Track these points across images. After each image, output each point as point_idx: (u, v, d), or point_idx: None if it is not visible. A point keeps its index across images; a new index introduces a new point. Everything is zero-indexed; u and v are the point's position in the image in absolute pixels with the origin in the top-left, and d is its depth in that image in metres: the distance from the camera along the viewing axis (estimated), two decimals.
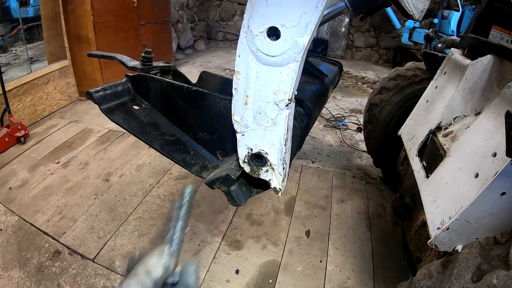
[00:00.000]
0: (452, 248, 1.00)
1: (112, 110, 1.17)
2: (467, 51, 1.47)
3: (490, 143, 0.98)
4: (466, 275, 0.76)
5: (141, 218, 2.02)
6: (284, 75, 0.53)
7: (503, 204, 0.89)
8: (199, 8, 6.82)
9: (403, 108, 2.08)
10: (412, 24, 5.12)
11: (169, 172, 2.48)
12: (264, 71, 0.55)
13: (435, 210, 1.07)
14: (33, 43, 3.56)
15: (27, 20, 3.45)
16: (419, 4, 1.21)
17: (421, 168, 1.34)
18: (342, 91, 4.76)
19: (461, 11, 4.42)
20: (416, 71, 2.07)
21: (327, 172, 2.67)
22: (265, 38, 0.51)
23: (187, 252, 1.80)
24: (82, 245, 1.79)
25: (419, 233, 1.30)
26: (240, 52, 0.55)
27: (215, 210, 2.13)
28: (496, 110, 1.04)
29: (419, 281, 0.87)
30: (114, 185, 2.30)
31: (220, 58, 6.33)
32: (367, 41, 6.69)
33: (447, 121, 1.39)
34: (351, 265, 1.78)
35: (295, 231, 2.00)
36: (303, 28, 0.49)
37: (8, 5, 3.43)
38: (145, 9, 4.19)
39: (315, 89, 1.58)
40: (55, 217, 1.98)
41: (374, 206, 2.29)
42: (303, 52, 0.51)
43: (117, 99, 1.20)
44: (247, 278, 1.67)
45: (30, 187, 2.25)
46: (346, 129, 3.54)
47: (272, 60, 0.53)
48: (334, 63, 2.05)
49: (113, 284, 1.58)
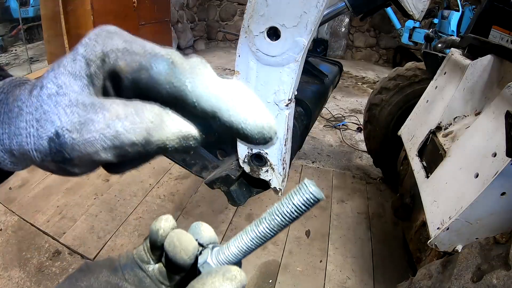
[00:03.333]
0: (452, 248, 1.00)
1: None
2: (467, 51, 1.47)
3: (490, 143, 0.98)
4: (466, 275, 0.76)
5: (141, 218, 2.02)
6: (284, 75, 0.53)
7: (503, 204, 0.89)
8: (199, 8, 6.82)
9: (403, 108, 2.08)
10: (412, 24, 5.12)
11: (169, 172, 2.48)
12: (264, 71, 0.55)
13: (435, 210, 1.07)
14: (33, 43, 3.56)
15: (27, 20, 3.45)
16: (419, 4, 1.20)
17: (421, 168, 1.34)
18: (342, 91, 4.76)
19: (461, 11, 4.42)
20: (416, 71, 2.07)
21: (327, 172, 2.67)
22: (265, 38, 0.51)
23: None
24: (82, 245, 1.79)
25: (419, 233, 1.30)
26: (240, 52, 0.55)
27: (215, 210, 2.12)
28: (496, 110, 1.04)
29: (419, 281, 0.87)
30: (114, 185, 2.30)
31: (220, 58, 6.32)
32: (367, 41, 6.69)
33: (447, 121, 1.39)
34: (351, 265, 1.78)
35: (295, 231, 1.99)
36: (303, 28, 0.49)
37: (8, 5, 3.43)
38: (145, 9, 4.19)
39: (315, 89, 1.58)
40: (55, 217, 1.98)
41: (374, 206, 2.29)
42: (303, 52, 0.51)
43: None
44: (247, 278, 1.67)
45: (30, 187, 2.24)
46: (346, 129, 3.53)
47: (272, 60, 0.53)
48: (334, 63, 2.04)
49: None
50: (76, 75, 0.22)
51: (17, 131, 0.23)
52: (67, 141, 0.21)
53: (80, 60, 0.22)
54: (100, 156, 0.21)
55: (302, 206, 0.26)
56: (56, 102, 0.22)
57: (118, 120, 0.20)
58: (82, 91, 0.22)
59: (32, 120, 0.22)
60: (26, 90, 0.23)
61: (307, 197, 0.25)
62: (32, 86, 0.23)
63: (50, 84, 0.22)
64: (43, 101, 0.22)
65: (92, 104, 0.21)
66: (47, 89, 0.22)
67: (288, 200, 0.26)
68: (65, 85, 0.22)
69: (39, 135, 0.22)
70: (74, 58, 0.23)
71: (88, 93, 0.22)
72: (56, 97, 0.22)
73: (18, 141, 0.23)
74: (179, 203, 2.17)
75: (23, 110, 0.23)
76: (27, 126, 0.22)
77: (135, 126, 0.20)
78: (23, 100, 0.23)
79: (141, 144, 0.20)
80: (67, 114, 0.21)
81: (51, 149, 0.22)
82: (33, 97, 0.22)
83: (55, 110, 0.22)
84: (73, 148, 0.21)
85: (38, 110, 0.22)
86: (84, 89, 0.22)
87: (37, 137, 0.22)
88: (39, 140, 0.22)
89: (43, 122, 0.22)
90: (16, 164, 0.25)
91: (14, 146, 0.23)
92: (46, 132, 0.22)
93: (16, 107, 0.23)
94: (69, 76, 0.22)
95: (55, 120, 0.21)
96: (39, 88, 0.23)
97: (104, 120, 0.21)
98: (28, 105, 0.22)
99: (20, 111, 0.23)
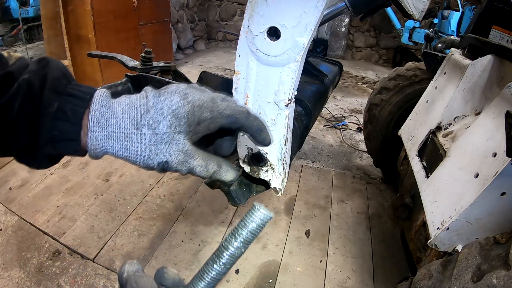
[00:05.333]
0: (452, 248, 1.00)
1: None
2: (467, 51, 1.47)
3: (490, 143, 0.98)
4: (466, 275, 0.76)
5: (141, 218, 2.02)
6: (284, 75, 0.53)
7: (503, 204, 0.89)
8: (199, 8, 6.82)
9: (403, 108, 2.08)
10: (412, 24, 5.12)
11: (169, 172, 2.48)
12: (264, 71, 0.55)
13: (435, 210, 1.07)
14: (33, 43, 3.56)
15: (27, 20, 3.45)
16: (419, 4, 1.20)
17: (421, 168, 1.33)
18: (342, 91, 4.76)
19: (461, 11, 4.42)
20: (416, 71, 2.07)
21: (327, 172, 2.67)
22: (265, 38, 0.51)
23: (187, 252, 1.80)
24: (82, 245, 1.79)
25: (419, 233, 1.30)
26: (240, 52, 0.55)
27: (215, 210, 2.12)
28: (496, 110, 1.03)
29: (419, 281, 0.87)
30: (114, 185, 2.30)
31: (220, 58, 6.32)
32: (367, 41, 6.69)
33: (447, 121, 1.39)
34: (351, 265, 1.78)
35: (295, 231, 1.99)
36: (303, 28, 0.49)
37: (8, 5, 3.44)
38: (145, 9, 4.19)
39: (315, 89, 1.58)
40: (55, 217, 1.98)
41: (374, 206, 2.29)
42: (303, 52, 0.51)
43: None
44: (247, 278, 1.67)
45: (30, 187, 2.24)
46: (346, 129, 3.54)
47: (272, 60, 0.53)
48: (334, 63, 2.04)
49: (113, 284, 1.58)
50: (180, 131, 0.39)
51: (124, 150, 0.38)
52: (172, 167, 0.41)
53: (185, 123, 0.39)
54: (182, 172, 0.42)
55: (256, 227, 0.31)
56: (169, 146, 0.39)
57: (199, 167, 0.43)
58: (185, 143, 0.40)
59: (144, 149, 0.38)
60: (127, 120, 0.38)
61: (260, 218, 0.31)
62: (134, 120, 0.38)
63: (163, 132, 0.38)
64: (158, 142, 0.38)
65: (189, 153, 0.41)
66: (159, 135, 0.38)
67: (243, 224, 0.31)
68: (175, 138, 0.39)
69: (151, 158, 0.39)
70: (179, 122, 0.39)
71: (188, 144, 0.41)
72: (169, 142, 0.39)
73: (122, 154, 0.39)
74: (179, 203, 2.17)
75: (132, 140, 0.38)
76: (138, 152, 0.38)
77: (203, 171, 0.44)
78: (130, 131, 0.38)
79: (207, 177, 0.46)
80: (175, 155, 0.40)
81: (158, 167, 0.40)
82: (143, 134, 0.38)
83: (168, 150, 0.39)
84: (172, 169, 0.41)
85: (152, 145, 0.38)
86: (186, 141, 0.40)
87: (148, 158, 0.39)
88: (148, 161, 0.39)
89: (158, 153, 0.39)
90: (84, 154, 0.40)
91: (117, 155, 0.39)
92: (158, 159, 0.39)
93: (122, 133, 0.38)
94: (178, 132, 0.39)
95: (167, 155, 0.39)
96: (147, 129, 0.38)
97: (192, 164, 0.42)
98: (139, 139, 0.38)
99: (128, 138, 0.38)
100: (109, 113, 0.37)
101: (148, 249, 1.79)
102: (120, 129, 0.36)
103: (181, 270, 1.67)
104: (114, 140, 0.37)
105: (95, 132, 0.36)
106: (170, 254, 1.78)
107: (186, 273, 1.66)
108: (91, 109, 0.36)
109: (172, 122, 0.38)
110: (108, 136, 0.36)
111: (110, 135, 0.36)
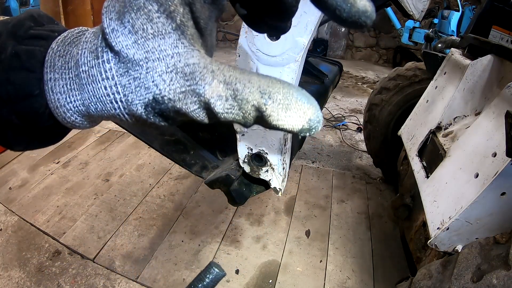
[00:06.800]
0: (452, 248, 1.00)
1: None
2: (467, 51, 1.47)
3: (490, 143, 0.98)
4: (466, 275, 0.76)
5: (141, 218, 2.02)
6: (284, 75, 0.53)
7: (503, 204, 0.89)
8: None
9: (403, 108, 2.08)
10: (412, 24, 5.13)
11: (169, 172, 2.48)
12: (264, 71, 0.55)
13: (435, 210, 1.07)
14: None
15: None
16: (419, 4, 1.20)
17: (421, 168, 1.34)
18: (342, 91, 4.76)
19: (461, 11, 4.42)
20: (416, 71, 2.07)
21: (327, 172, 2.67)
22: (265, 38, 0.51)
23: (187, 252, 1.80)
24: (82, 245, 1.79)
25: (419, 233, 1.30)
26: (240, 52, 0.55)
27: (215, 210, 2.12)
28: (496, 110, 1.04)
29: (419, 281, 0.87)
30: (114, 185, 2.30)
31: (220, 58, 6.31)
32: (367, 41, 6.69)
33: (447, 121, 1.39)
34: (351, 265, 1.78)
35: (295, 231, 1.99)
36: (303, 28, 0.49)
37: (8, 5, 3.44)
38: None
39: (315, 89, 1.58)
40: (55, 217, 1.98)
41: (374, 206, 2.29)
42: (303, 52, 0.51)
43: None
44: (247, 278, 1.67)
45: (30, 187, 2.24)
46: (346, 129, 3.54)
47: (272, 60, 0.53)
48: (334, 63, 2.04)
49: (113, 284, 1.58)
50: (163, 34, 0.21)
51: (93, 99, 0.23)
52: (169, 107, 0.21)
53: (159, 17, 0.21)
54: (196, 118, 0.22)
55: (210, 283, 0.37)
56: (147, 69, 0.21)
57: (220, 101, 0.20)
58: (179, 49, 0.21)
59: (113, 86, 0.22)
60: (86, 51, 0.23)
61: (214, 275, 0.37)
62: (94, 46, 0.23)
63: (132, 50, 0.21)
64: (129, 68, 0.21)
65: (192, 72, 0.21)
66: (127, 55, 0.21)
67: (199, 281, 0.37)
68: (154, 50, 0.21)
69: (130, 101, 0.22)
70: (149, 18, 0.21)
71: (185, 51, 0.21)
72: (147, 64, 0.21)
73: (97, 108, 0.23)
74: (179, 203, 2.17)
75: (95, 77, 0.22)
76: (109, 93, 0.22)
77: (230, 113, 0.21)
78: (90, 65, 0.23)
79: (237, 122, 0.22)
80: (166, 81, 0.21)
81: (148, 112, 0.22)
82: (105, 62, 0.22)
83: (148, 77, 0.21)
84: (174, 112, 0.22)
85: (122, 76, 0.22)
86: (178, 47, 0.21)
87: (127, 102, 0.22)
88: (130, 106, 0.22)
89: (135, 88, 0.22)
90: (90, 124, 0.26)
91: (92, 112, 0.24)
92: (139, 97, 0.22)
93: (83, 73, 0.23)
94: (155, 39, 0.21)
95: (151, 86, 0.21)
96: (109, 53, 0.22)
97: (205, 96, 0.21)
98: (102, 71, 0.22)
99: (91, 77, 0.23)
100: (70, 51, 0.25)
101: (148, 249, 1.79)
102: (80, 67, 0.23)
103: (181, 270, 1.67)
104: (74, 87, 0.24)
105: (51, 80, 0.24)
106: (170, 254, 1.78)
107: (186, 273, 1.66)
108: (49, 50, 0.25)
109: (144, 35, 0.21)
110: (67, 83, 0.24)
111: (68, 81, 0.24)
